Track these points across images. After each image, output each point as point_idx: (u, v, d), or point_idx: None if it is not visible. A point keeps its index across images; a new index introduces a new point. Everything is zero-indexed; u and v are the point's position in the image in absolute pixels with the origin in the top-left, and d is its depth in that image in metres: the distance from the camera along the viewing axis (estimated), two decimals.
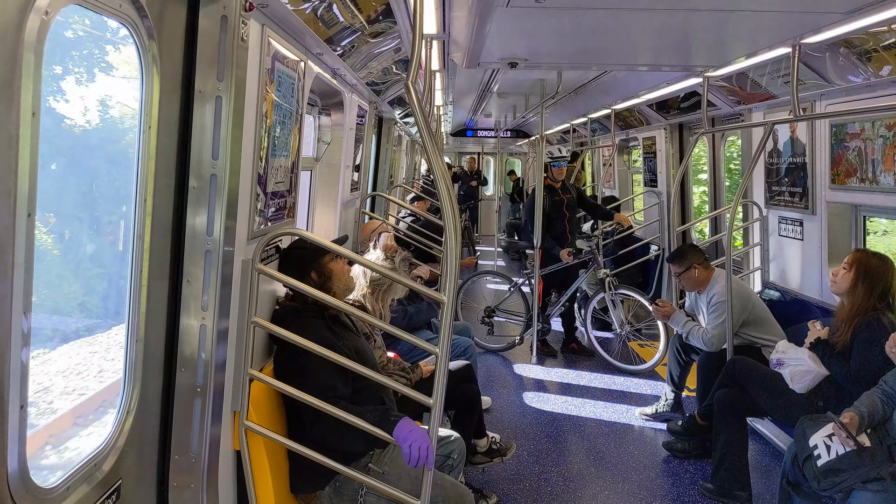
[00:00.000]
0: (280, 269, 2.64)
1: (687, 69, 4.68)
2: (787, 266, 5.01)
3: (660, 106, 6.79)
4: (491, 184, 16.49)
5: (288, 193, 2.83)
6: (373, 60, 3.97)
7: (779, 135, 4.90)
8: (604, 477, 3.98)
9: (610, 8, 3.09)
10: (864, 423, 2.82)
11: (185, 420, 2.08)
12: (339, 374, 2.48)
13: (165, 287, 2.02)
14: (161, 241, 1.97)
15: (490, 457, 3.72)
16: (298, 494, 2.61)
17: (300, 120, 2.93)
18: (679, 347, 4.69)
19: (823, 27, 3.17)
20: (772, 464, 4.16)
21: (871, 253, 3.41)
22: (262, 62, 2.29)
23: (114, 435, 1.81)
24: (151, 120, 1.85)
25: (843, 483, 2.66)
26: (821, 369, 3.33)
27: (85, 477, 1.67)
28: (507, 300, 6.59)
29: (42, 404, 1.74)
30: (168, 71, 1.90)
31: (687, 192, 7.45)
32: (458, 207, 11.64)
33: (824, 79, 3.90)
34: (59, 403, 1.83)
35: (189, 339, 2.07)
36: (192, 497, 2.11)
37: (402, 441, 2.26)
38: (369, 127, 5.36)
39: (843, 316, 3.37)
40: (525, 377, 5.85)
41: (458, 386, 3.49)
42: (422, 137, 2.14)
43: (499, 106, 10.00)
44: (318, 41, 2.89)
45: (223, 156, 2.02)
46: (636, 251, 7.75)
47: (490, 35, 3.66)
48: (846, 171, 4.14)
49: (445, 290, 2.11)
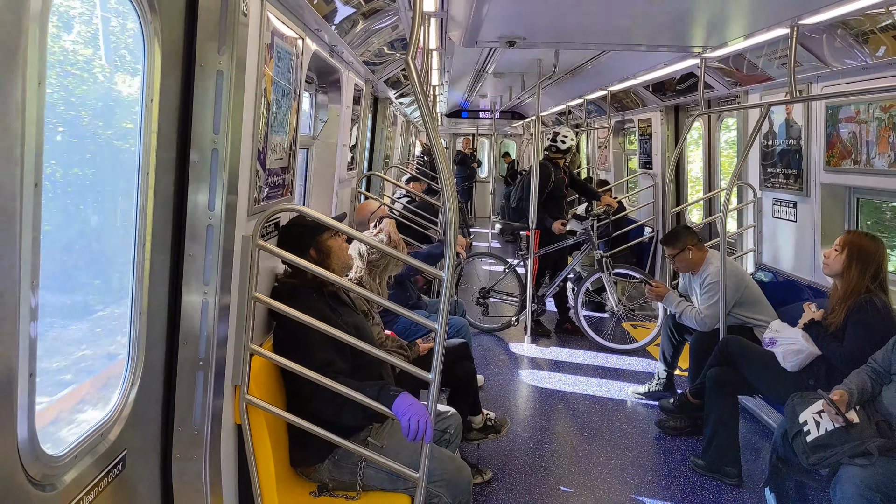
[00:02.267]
0: (279, 246, 2.66)
1: (684, 50, 4.67)
2: (780, 248, 5.05)
3: (656, 87, 6.79)
4: (485, 166, 16.47)
5: (286, 171, 2.84)
6: (371, 37, 3.95)
7: (774, 117, 4.92)
8: (596, 453, 4.05)
9: None
10: (854, 399, 2.88)
11: (187, 393, 2.11)
12: (338, 350, 2.50)
13: (168, 262, 2.04)
14: (163, 215, 1.98)
15: (485, 433, 3.78)
16: (298, 467, 2.65)
17: (298, 97, 2.93)
18: (672, 327, 4.74)
19: (822, 8, 3.18)
20: (762, 441, 4.24)
21: (862, 234, 3.44)
22: (261, 37, 2.28)
23: (119, 406, 1.83)
24: (153, 93, 1.85)
25: (832, 458, 2.72)
26: (813, 348, 3.38)
27: (91, 447, 1.69)
28: (501, 281, 6.63)
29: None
30: (169, 45, 1.89)
31: (682, 174, 7.48)
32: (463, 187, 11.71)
33: (821, 60, 3.91)
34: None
35: (191, 313, 2.09)
36: (194, 468, 2.14)
37: (400, 415, 2.30)
38: (365, 106, 5.34)
39: (836, 297, 3.41)
40: (519, 356, 5.91)
41: (455, 363, 3.53)
42: (421, 116, 2.14)
43: (495, 87, 9.97)
44: (316, 17, 2.88)
45: (224, 130, 2.03)
46: (630, 233, 7.79)
47: (489, 13, 3.65)
48: (841, 154, 4.17)
49: (444, 267, 2.14)
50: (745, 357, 3.71)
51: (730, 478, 3.69)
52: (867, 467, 2.57)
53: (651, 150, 7.80)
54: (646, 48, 4.77)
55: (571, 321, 6.50)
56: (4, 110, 1.20)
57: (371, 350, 2.36)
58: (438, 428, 2.88)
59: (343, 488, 2.57)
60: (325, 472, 2.59)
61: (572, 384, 5.22)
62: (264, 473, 2.37)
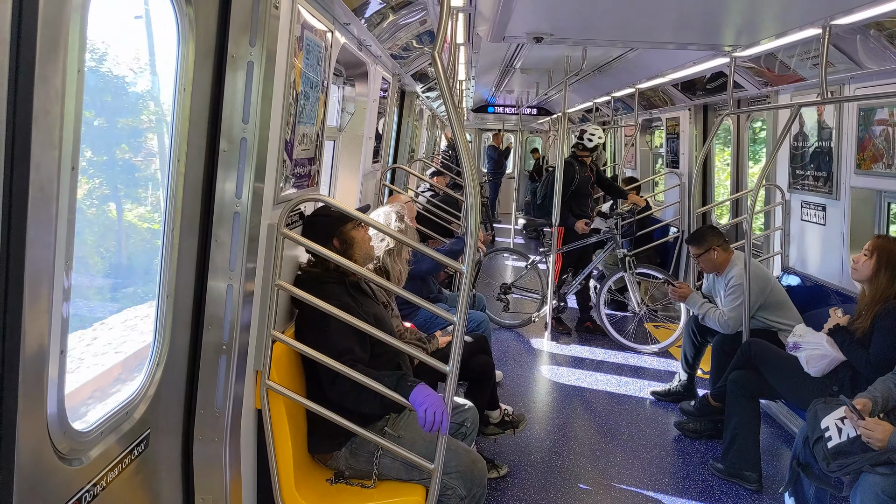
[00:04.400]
0: (303, 236, 2.69)
1: (714, 48, 4.62)
2: (807, 251, 4.98)
3: (685, 86, 6.71)
4: (511, 161, 16.42)
5: (312, 162, 2.87)
6: (399, 31, 3.97)
7: (805, 118, 4.84)
8: (614, 453, 4.04)
9: None
10: (878, 407, 2.83)
11: (210, 376, 2.16)
12: (358, 339, 2.53)
13: (195, 247, 2.08)
14: (192, 201, 2.02)
15: (502, 428, 3.79)
16: (315, 454, 2.69)
17: (326, 89, 2.96)
18: (694, 329, 4.70)
19: (855, 8, 3.12)
20: (783, 446, 4.18)
21: (892, 239, 3.38)
22: (291, 30, 2.31)
23: (145, 384, 1.89)
24: (187, 82, 1.90)
25: (852, 465, 2.68)
26: (838, 354, 3.33)
27: (117, 424, 1.74)
28: (523, 277, 6.62)
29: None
30: (203, 35, 1.94)
31: (709, 174, 7.39)
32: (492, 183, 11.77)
33: (854, 61, 3.84)
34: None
35: (216, 298, 2.13)
36: (215, 450, 2.19)
37: (417, 405, 2.32)
38: (392, 99, 5.37)
39: (864, 303, 3.36)
40: (539, 353, 5.91)
41: (473, 357, 3.55)
42: (447, 110, 2.16)
43: (521, 82, 9.93)
44: (346, 10, 2.91)
45: (253, 120, 2.07)
46: (654, 232, 7.73)
47: (516, 8, 3.65)
48: (872, 157, 4.09)
49: (465, 261, 2.16)
50: (768, 361, 3.67)
51: (749, 482, 3.66)
52: (889, 476, 2.53)
53: (678, 150, 7.72)
54: (674, 46, 4.72)
55: (593, 320, 6.47)
56: (45, 96, 1.24)
57: (390, 340, 2.38)
58: (455, 420, 2.90)
59: (359, 476, 2.60)
60: (342, 460, 2.62)
61: (591, 383, 5.21)
62: (282, 458, 2.41)
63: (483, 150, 16.87)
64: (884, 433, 2.60)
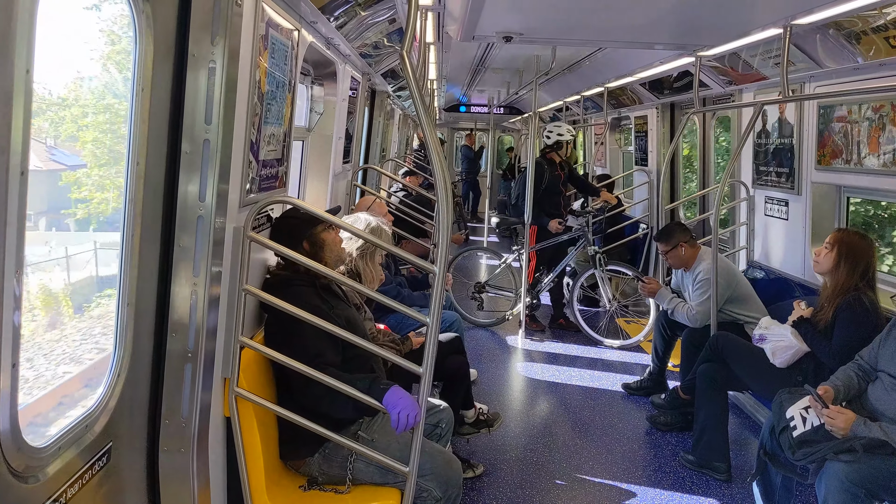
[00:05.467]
0: (272, 238, 2.65)
1: (680, 48, 4.67)
2: (771, 245, 5.07)
3: (652, 85, 6.79)
4: (484, 160, 16.42)
5: (280, 163, 2.83)
6: (367, 31, 3.93)
7: (768, 116, 4.93)
8: (588, 448, 4.07)
9: None
10: (840, 396, 2.90)
11: (175, 385, 2.10)
12: (330, 342, 2.50)
13: (157, 252, 2.03)
14: (153, 205, 1.97)
15: (477, 428, 3.79)
16: (288, 461, 2.65)
17: (293, 89, 2.92)
18: (664, 323, 4.76)
19: (815, 8, 3.18)
20: (751, 436, 4.26)
21: (851, 232, 3.45)
22: (255, 28, 2.27)
23: (105, 397, 1.83)
24: (145, 82, 1.84)
25: (817, 454, 2.74)
26: (801, 345, 3.40)
27: (76, 438, 1.68)
28: (497, 276, 6.63)
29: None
30: (162, 33, 1.88)
31: (677, 171, 7.49)
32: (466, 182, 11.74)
33: (814, 60, 3.92)
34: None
35: (180, 304, 2.08)
36: (181, 461, 2.13)
37: (391, 408, 2.30)
38: (362, 99, 5.33)
39: (826, 295, 3.42)
40: (513, 351, 5.93)
41: (448, 357, 3.54)
42: (416, 110, 2.14)
43: (492, 81, 9.94)
44: (312, 9, 2.87)
45: (216, 121, 2.02)
46: (625, 229, 7.81)
47: (486, 8, 3.65)
48: (832, 153, 4.18)
49: (437, 262, 2.14)
50: (735, 353, 3.74)
51: (719, 473, 3.72)
52: (852, 463, 2.59)
53: (646, 147, 7.81)
54: (642, 45, 4.77)
55: (566, 316, 6.52)
56: None
57: (362, 343, 2.36)
58: (430, 422, 2.89)
59: (333, 482, 2.57)
60: (315, 466, 2.59)
61: (565, 378, 5.24)
62: (253, 467, 2.37)
63: (457, 150, 16.86)
64: (846, 421, 2.66)
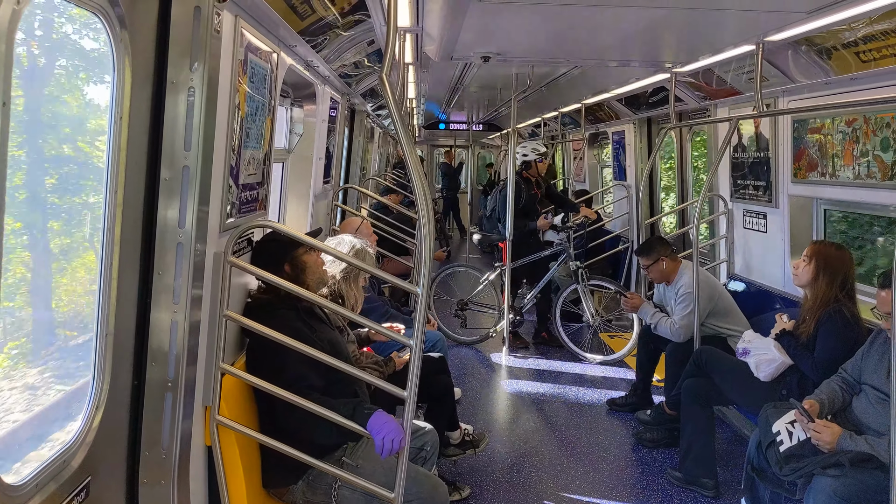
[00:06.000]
0: (253, 262, 2.62)
1: (655, 65, 4.75)
2: (751, 258, 5.13)
3: (629, 101, 6.88)
4: (464, 176, 16.50)
5: (260, 185, 2.81)
6: (346, 52, 3.95)
7: (743, 130, 5.01)
8: (575, 467, 4.05)
9: (581, 4, 3.12)
10: (825, 409, 2.92)
11: (155, 415, 2.07)
12: (313, 367, 2.47)
13: (136, 280, 2.00)
14: (132, 232, 1.94)
15: (463, 449, 3.75)
16: (271, 489, 2.60)
17: (273, 111, 2.91)
18: (648, 338, 4.77)
19: (786, 25, 3.25)
20: (738, 451, 4.26)
21: (828, 244, 3.50)
22: (234, 53, 2.26)
23: (83, 431, 1.78)
24: (123, 110, 1.82)
25: (804, 468, 2.74)
26: (785, 358, 3.42)
27: (53, 474, 1.64)
28: (479, 293, 6.62)
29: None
30: (140, 61, 1.87)
31: (655, 185, 7.58)
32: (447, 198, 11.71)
33: (787, 76, 4.00)
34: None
35: (160, 332, 2.05)
36: (162, 493, 2.09)
37: (375, 433, 2.27)
38: (341, 119, 5.33)
39: (807, 308, 3.45)
40: (497, 368, 5.90)
41: (432, 378, 3.51)
42: (396, 131, 2.14)
43: (471, 99, 10.02)
44: (291, 33, 2.87)
45: (195, 147, 2.00)
46: (606, 244, 7.85)
47: (464, 29, 3.68)
48: (808, 166, 4.26)
49: (419, 282, 2.12)
50: (719, 367, 3.75)
51: (706, 489, 3.71)
52: (839, 478, 2.59)
53: (625, 162, 7.89)
54: (618, 63, 4.84)
55: (548, 331, 6.52)
56: None
57: (345, 367, 2.33)
58: (415, 445, 2.86)
59: None
60: (299, 494, 2.54)
61: (550, 395, 5.23)
62: (236, 496, 2.32)
63: (436, 167, 16.92)
64: (832, 435, 2.67)
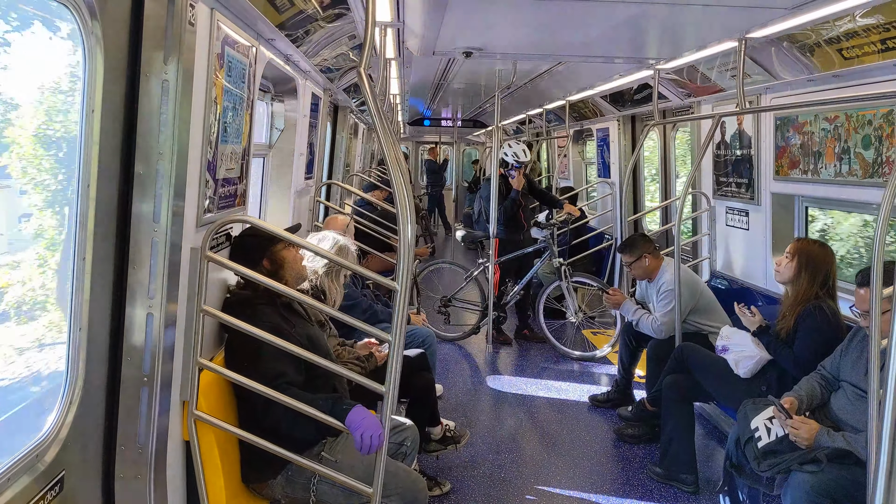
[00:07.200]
0: (231, 257, 2.60)
1: (639, 61, 4.76)
2: (733, 255, 5.17)
3: (613, 98, 6.90)
4: (449, 173, 16.48)
5: (239, 180, 2.78)
6: (327, 47, 3.92)
7: (726, 127, 5.04)
8: (556, 463, 4.06)
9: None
10: (804, 406, 2.94)
11: (131, 410, 2.04)
12: (291, 362, 2.46)
13: (110, 275, 1.97)
14: (105, 227, 1.91)
15: (444, 444, 3.75)
16: (250, 484, 2.58)
17: (252, 106, 2.88)
18: (630, 335, 4.79)
19: (768, 22, 3.27)
20: (718, 447, 4.30)
21: (811, 241, 3.53)
22: (211, 46, 2.23)
23: (56, 425, 1.76)
24: (94, 103, 1.79)
25: (782, 464, 2.76)
26: (764, 354, 3.45)
27: (26, 468, 1.63)
28: (463, 289, 6.62)
29: None
30: (112, 52, 1.83)
31: (639, 182, 7.61)
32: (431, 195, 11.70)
33: (769, 72, 4.03)
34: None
35: (135, 327, 2.03)
36: (139, 488, 2.07)
37: (353, 429, 2.27)
38: (323, 114, 5.30)
39: (788, 304, 3.47)
40: (480, 365, 5.91)
41: (413, 374, 3.50)
42: (375, 126, 2.12)
43: (456, 95, 10.00)
44: (270, 26, 2.84)
45: (170, 141, 1.98)
46: (590, 241, 7.88)
47: (445, 24, 3.66)
48: (790, 163, 4.29)
49: (399, 278, 2.11)
50: (700, 364, 3.77)
51: (686, 485, 3.73)
52: (816, 474, 2.61)
53: (609, 159, 7.92)
54: (601, 59, 4.84)
55: (530, 328, 6.53)
56: None
57: (324, 363, 2.32)
58: (394, 441, 2.85)
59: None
60: (278, 489, 2.53)
61: (532, 392, 5.24)
62: (214, 491, 2.31)
63: (421, 164, 16.89)
64: (809, 432, 2.70)
